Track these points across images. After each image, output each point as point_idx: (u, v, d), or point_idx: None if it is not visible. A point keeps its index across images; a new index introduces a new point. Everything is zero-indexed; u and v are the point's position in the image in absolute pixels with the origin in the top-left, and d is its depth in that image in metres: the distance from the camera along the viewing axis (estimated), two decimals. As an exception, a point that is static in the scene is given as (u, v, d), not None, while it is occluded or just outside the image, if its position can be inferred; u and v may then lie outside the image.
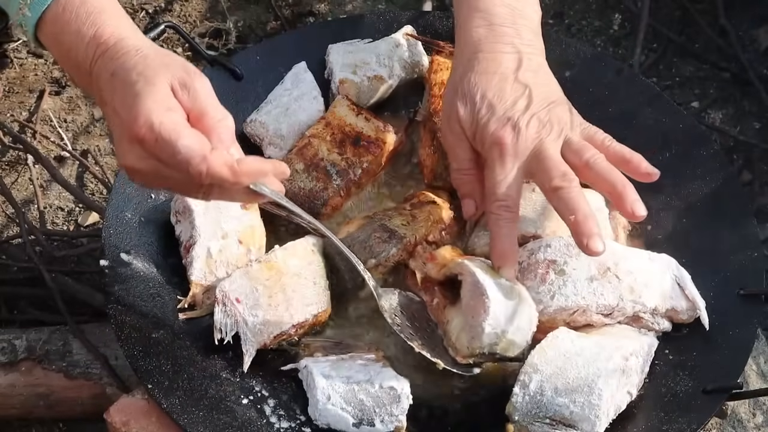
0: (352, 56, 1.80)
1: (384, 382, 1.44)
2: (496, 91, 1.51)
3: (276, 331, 1.51)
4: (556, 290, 1.51)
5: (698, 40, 2.52)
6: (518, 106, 1.49)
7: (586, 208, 1.41)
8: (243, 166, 1.30)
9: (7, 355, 1.80)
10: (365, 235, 1.59)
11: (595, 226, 1.40)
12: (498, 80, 1.52)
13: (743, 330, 1.55)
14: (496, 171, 1.47)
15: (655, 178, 1.49)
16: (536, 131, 1.47)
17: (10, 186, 2.22)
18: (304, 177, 1.66)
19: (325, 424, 1.45)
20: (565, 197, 1.42)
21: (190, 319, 1.55)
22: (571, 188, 1.42)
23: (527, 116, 1.48)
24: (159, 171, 1.30)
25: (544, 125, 1.48)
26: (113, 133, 1.36)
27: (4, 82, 2.39)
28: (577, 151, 1.47)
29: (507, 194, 1.46)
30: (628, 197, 1.44)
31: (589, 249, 1.39)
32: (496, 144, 1.47)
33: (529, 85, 1.51)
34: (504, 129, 1.47)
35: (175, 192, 1.47)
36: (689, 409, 1.47)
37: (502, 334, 1.42)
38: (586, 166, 1.46)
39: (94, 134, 2.33)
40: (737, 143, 2.35)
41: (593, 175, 1.46)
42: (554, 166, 1.45)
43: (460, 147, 1.55)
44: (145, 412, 1.51)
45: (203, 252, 1.56)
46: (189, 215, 1.59)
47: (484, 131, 1.49)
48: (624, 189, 1.44)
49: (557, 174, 1.44)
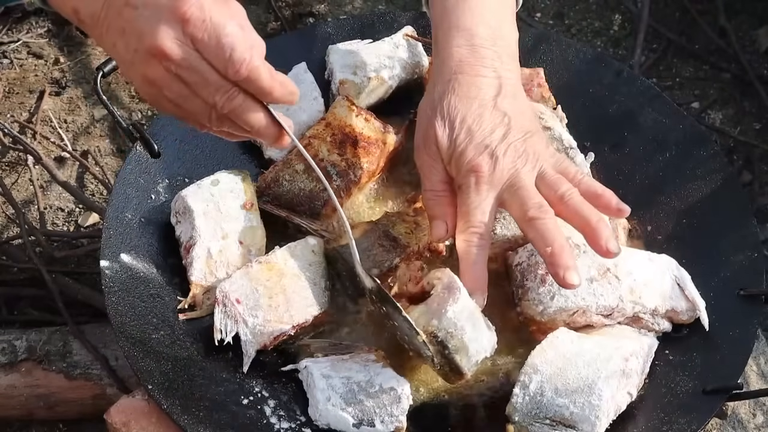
0: (353, 57, 1.80)
1: (384, 382, 1.44)
2: (475, 117, 1.49)
3: (276, 332, 1.51)
4: (556, 291, 1.51)
5: (698, 40, 2.52)
6: (496, 134, 1.48)
7: (561, 239, 1.40)
8: (278, 75, 1.30)
9: (7, 355, 1.80)
10: (368, 243, 1.58)
11: (571, 259, 1.39)
12: (477, 106, 1.50)
13: (743, 330, 1.55)
14: (471, 198, 1.46)
15: (626, 215, 1.48)
16: (512, 161, 1.46)
17: (11, 187, 2.22)
18: (304, 178, 1.66)
19: (325, 425, 1.45)
20: (542, 228, 1.41)
21: (190, 319, 1.56)
22: (546, 219, 1.41)
23: (504, 145, 1.47)
24: (184, 72, 1.27)
25: (520, 155, 1.47)
26: (132, 30, 1.28)
27: (5, 82, 2.39)
28: (552, 184, 1.46)
29: (480, 221, 1.44)
30: (602, 234, 1.42)
31: (565, 282, 1.38)
32: (473, 171, 1.46)
33: (508, 114, 1.50)
34: (481, 157, 1.46)
35: (180, 115, 1.36)
36: (689, 409, 1.47)
37: (460, 330, 1.40)
38: (561, 200, 1.45)
39: (95, 135, 2.33)
40: (737, 144, 2.35)
41: (567, 210, 1.45)
42: (529, 197, 1.44)
43: (435, 168, 1.53)
44: (146, 413, 1.51)
45: (203, 252, 1.57)
46: (189, 216, 1.59)
47: (461, 158, 1.48)
48: (597, 225, 1.42)
49: (533, 205, 1.43)
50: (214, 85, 1.29)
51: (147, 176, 1.68)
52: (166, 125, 1.73)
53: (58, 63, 2.43)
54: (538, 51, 1.88)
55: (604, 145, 1.75)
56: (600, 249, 1.42)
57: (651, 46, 2.50)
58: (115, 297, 1.54)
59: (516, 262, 1.57)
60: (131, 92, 2.40)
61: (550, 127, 1.68)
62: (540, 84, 1.78)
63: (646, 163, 1.76)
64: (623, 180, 1.74)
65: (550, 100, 1.77)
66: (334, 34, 1.87)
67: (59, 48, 2.46)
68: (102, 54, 2.44)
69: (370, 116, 1.73)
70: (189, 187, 1.63)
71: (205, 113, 1.32)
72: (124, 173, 1.67)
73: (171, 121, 1.74)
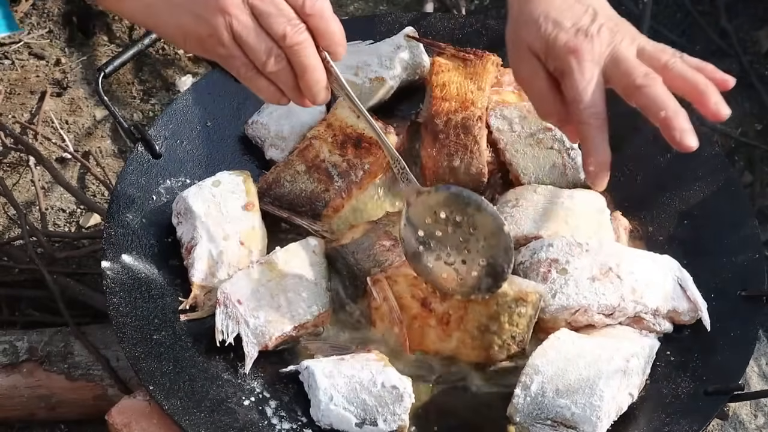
0: (354, 58, 1.80)
1: (386, 381, 1.44)
2: (558, 10, 1.47)
3: (277, 333, 1.51)
4: (558, 289, 1.51)
5: (699, 41, 2.52)
6: (585, 19, 1.45)
7: (675, 104, 1.38)
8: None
9: (8, 356, 1.80)
10: (369, 242, 1.59)
11: (687, 122, 1.37)
12: (559, 3, 1.48)
13: (744, 331, 1.55)
14: (577, 79, 1.42)
15: (731, 86, 1.45)
16: (609, 37, 1.44)
17: (12, 187, 2.22)
18: (305, 178, 1.66)
19: (327, 425, 1.45)
20: (652, 94, 1.38)
21: (191, 320, 1.56)
22: (656, 85, 1.39)
23: (596, 25, 1.45)
24: (258, 1, 1.31)
25: (615, 34, 1.44)
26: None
27: (6, 83, 2.39)
28: (654, 54, 1.44)
29: (593, 101, 1.41)
30: (711, 96, 1.39)
31: (681, 144, 1.36)
32: (571, 52, 1.43)
33: (593, 5, 1.47)
34: (576, 37, 1.43)
35: (233, 53, 1.36)
36: (691, 410, 1.47)
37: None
38: (665, 67, 1.42)
39: (96, 136, 2.33)
40: (738, 145, 2.35)
41: (673, 76, 1.42)
42: (635, 66, 1.41)
43: (537, 77, 1.48)
44: (147, 414, 1.51)
45: (204, 253, 1.57)
46: (191, 216, 1.59)
47: (555, 44, 1.44)
48: (707, 88, 1.40)
49: (639, 73, 1.40)
50: (287, 16, 1.32)
51: (148, 177, 1.68)
52: (168, 126, 1.73)
53: (59, 64, 2.43)
54: (539, 52, 1.87)
55: (605, 146, 1.75)
56: (709, 110, 1.40)
57: (652, 47, 2.50)
58: (117, 298, 1.54)
59: (518, 260, 1.57)
60: (133, 93, 2.40)
61: (552, 128, 1.68)
62: (541, 85, 1.77)
63: (647, 164, 1.76)
64: (624, 181, 1.74)
65: (551, 101, 1.77)
66: (336, 34, 1.87)
67: (61, 49, 2.46)
68: (104, 55, 2.44)
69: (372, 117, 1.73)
70: (190, 188, 1.63)
71: (266, 49, 1.33)
72: (125, 174, 1.67)
73: (172, 121, 1.74)
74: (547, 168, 1.69)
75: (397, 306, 1.51)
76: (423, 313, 1.52)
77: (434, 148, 1.69)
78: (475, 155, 1.68)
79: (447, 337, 1.52)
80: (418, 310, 1.52)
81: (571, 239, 1.52)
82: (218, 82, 1.80)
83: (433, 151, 1.69)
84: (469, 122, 1.68)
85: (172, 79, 2.41)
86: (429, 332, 1.53)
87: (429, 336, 1.53)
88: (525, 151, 1.70)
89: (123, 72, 2.38)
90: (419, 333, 1.53)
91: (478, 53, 1.76)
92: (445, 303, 1.51)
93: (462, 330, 1.52)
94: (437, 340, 1.53)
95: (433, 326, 1.52)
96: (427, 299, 1.52)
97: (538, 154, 1.70)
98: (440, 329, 1.52)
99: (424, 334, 1.53)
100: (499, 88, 1.77)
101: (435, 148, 1.69)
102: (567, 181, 1.69)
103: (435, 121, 1.69)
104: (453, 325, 1.51)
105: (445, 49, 1.78)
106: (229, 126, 1.78)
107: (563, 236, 1.55)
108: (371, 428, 1.44)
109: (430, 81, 1.74)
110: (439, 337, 1.52)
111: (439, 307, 1.52)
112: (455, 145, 1.68)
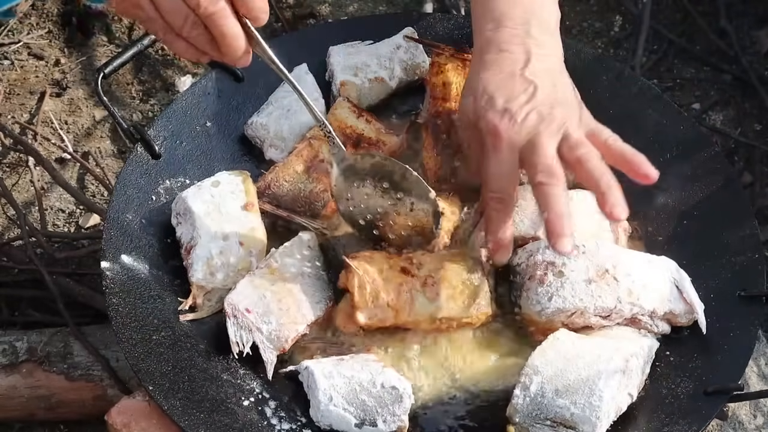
0: (353, 58, 1.81)
1: (386, 381, 1.44)
2: (499, 86, 1.51)
3: (293, 334, 1.51)
4: (554, 292, 1.51)
5: (699, 41, 2.52)
6: (519, 99, 1.49)
7: (561, 207, 1.42)
8: None
9: (8, 357, 1.80)
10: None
11: (567, 228, 1.41)
12: (503, 77, 1.52)
13: (744, 332, 1.55)
14: (491, 161, 1.48)
15: (653, 181, 1.49)
16: (534, 123, 1.47)
17: (11, 188, 2.22)
18: (304, 179, 1.66)
19: (327, 426, 1.45)
20: (545, 193, 1.43)
21: (191, 321, 1.56)
22: (551, 185, 1.43)
23: (527, 108, 1.48)
24: None
25: (544, 119, 1.47)
26: None
27: (5, 83, 2.39)
28: (572, 146, 1.47)
29: (499, 186, 1.48)
30: (609, 199, 1.43)
31: (555, 247, 1.41)
32: (491, 133, 1.48)
33: (536, 82, 1.51)
34: (502, 119, 1.47)
35: (150, 15, 1.34)
36: (690, 410, 1.47)
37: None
38: (578, 161, 1.46)
39: (95, 136, 2.33)
40: (738, 145, 2.35)
41: (582, 171, 1.46)
42: (542, 161, 1.45)
43: (473, 141, 1.55)
44: (146, 414, 1.51)
45: (204, 254, 1.57)
46: (190, 217, 1.59)
47: (482, 121, 1.50)
48: (608, 190, 1.44)
49: (542, 169, 1.44)
50: (177, 10, 1.30)
51: (148, 177, 1.68)
52: (167, 126, 1.73)
53: (58, 64, 2.43)
54: (538, 52, 1.87)
55: (604, 147, 1.75)
56: (606, 213, 1.44)
57: (652, 47, 2.50)
58: (116, 298, 1.54)
59: (515, 262, 1.57)
60: (132, 93, 2.40)
61: (551, 128, 1.68)
62: (540, 85, 1.77)
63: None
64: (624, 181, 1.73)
65: (551, 102, 1.77)
66: (335, 35, 1.87)
67: (60, 49, 2.46)
68: (103, 55, 2.44)
69: (371, 117, 1.73)
70: (189, 188, 1.63)
71: (182, 14, 1.32)
72: (124, 174, 1.67)
73: (172, 122, 1.74)
74: (547, 168, 1.69)
75: (378, 277, 1.52)
76: (407, 278, 1.53)
77: (435, 148, 1.69)
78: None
79: (436, 296, 1.53)
80: (401, 278, 1.53)
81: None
82: (218, 82, 1.80)
83: (435, 152, 1.69)
84: (469, 122, 1.68)
85: (171, 79, 2.41)
86: (417, 297, 1.52)
87: (418, 300, 1.52)
88: (524, 151, 1.70)
89: (122, 72, 2.38)
90: (409, 301, 1.52)
91: (477, 53, 1.76)
92: (423, 267, 1.53)
93: (446, 286, 1.53)
94: (428, 302, 1.53)
95: (420, 290, 1.53)
96: (405, 267, 1.53)
97: (538, 155, 1.69)
98: (428, 290, 1.53)
99: (414, 299, 1.52)
100: (499, 89, 1.76)
101: (436, 149, 1.68)
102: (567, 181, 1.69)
103: (435, 122, 1.69)
104: (438, 284, 1.53)
105: (444, 50, 1.78)
106: (229, 126, 1.78)
107: (561, 237, 1.55)
108: (371, 429, 1.43)
109: (430, 82, 1.74)
110: (430, 298, 1.53)
111: (419, 272, 1.53)
112: (456, 146, 1.67)
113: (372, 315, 1.52)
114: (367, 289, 1.51)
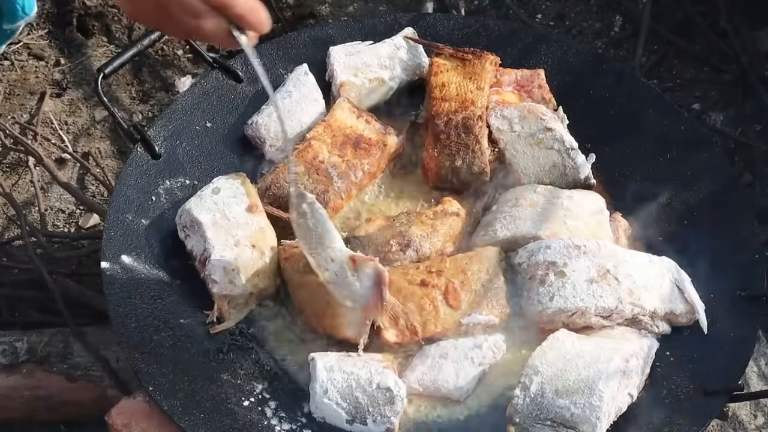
0: (353, 58, 1.80)
1: (382, 382, 1.44)
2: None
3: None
4: (555, 292, 1.51)
5: (699, 42, 2.52)
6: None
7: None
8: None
9: (8, 357, 1.80)
10: (382, 240, 1.59)
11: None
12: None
13: (744, 332, 1.55)
14: None
15: None
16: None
17: (11, 188, 2.22)
18: (305, 179, 1.66)
19: (321, 418, 1.46)
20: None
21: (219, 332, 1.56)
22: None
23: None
24: None
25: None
26: None
27: (5, 84, 2.39)
28: None
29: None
30: None
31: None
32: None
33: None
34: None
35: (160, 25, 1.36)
36: (690, 410, 1.47)
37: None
38: None
39: (95, 136, 2.33)
40: (738, 145, 2.35)
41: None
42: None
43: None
44: (146, 414, 1.51)
45: (220, 263, 1.55)
46: (198, 228, 1.58)
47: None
48: None
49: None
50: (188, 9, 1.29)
51: (148, 177, 1.68)
52: (167, 127, 1.73)
53: (58, 64, 2.43)
54: (538, 52, 1.88)
55: (605, 147, 1.75)
56: None
57: (652, 47, 2.50)
58: (116, 298, 1.54)
59: (516, 262, 1.57)
60: (132, 94, 2.40)
61: (552, 128, 1.68)
62: (540, 85, 1.78)
63: (647, 165, 1.76)
64: (624, 181, 1.74)
65: (551, 102, 1.77)
66: (335, 35, 1.87)
67: (60, 50, 2.46)
68: (103, 55, 2.44)
69: (371, 118, 1.73)
70: (191, 199, 1.62)
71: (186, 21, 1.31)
72: (124, 174, 1.67)
73: (172, 122, 1.74)
74: (547, 168, 1.69)
75: (398, 301, 1.52)
76: (427, 290, 1.53)
77: (436, 148, 1.69)
78: (476, 154, 1.68)
79: (459, 304, 1.53)
80: (421, 291, 1.53)
81: (569, 241, 1.52)
82: (218, 82, 1.80)
83: (435, 152, 1.69)
84: (470, 122, 1.68)
85: (171, 79, 2.41)
86: (441, 307, 1.53)
87: (442, 310, 1.53)
88: (525, 151, 1.70)
89: (122, 73, 2.38)
90: (434, 314, 1.53)
91: (476, 53, 1.76)
92: (441, 276, 1.53)
93: (467, 290, 1.53)
94: (451, 311, 1.53)
95: (442, 300, 1.53)
96: (424, 280, 1.53)
97: (538, 154, 1.70)
98: (450, 299, 1.53)
99: (438, 311, 1.53)
100: (499, 88, 1.77)
101: (436, 149, 1.69)
102: (567, 181, 1.69)
103: (435, 122, 1.69)
104: (459, 291, 1.53)
105: (444, 50, 1.78)
106: (229, 126, 1.78)
107: (561, 238, 1.55)
108: (361, 427, 1.44)
109: (430, 82, 1.75)
110: (453, 306, 1.53)
111: (438, 281, 1.53)
112: (457, 145, 1.68)
113: (400, 332, 1.53)
114: (389, 314, 1.53)
